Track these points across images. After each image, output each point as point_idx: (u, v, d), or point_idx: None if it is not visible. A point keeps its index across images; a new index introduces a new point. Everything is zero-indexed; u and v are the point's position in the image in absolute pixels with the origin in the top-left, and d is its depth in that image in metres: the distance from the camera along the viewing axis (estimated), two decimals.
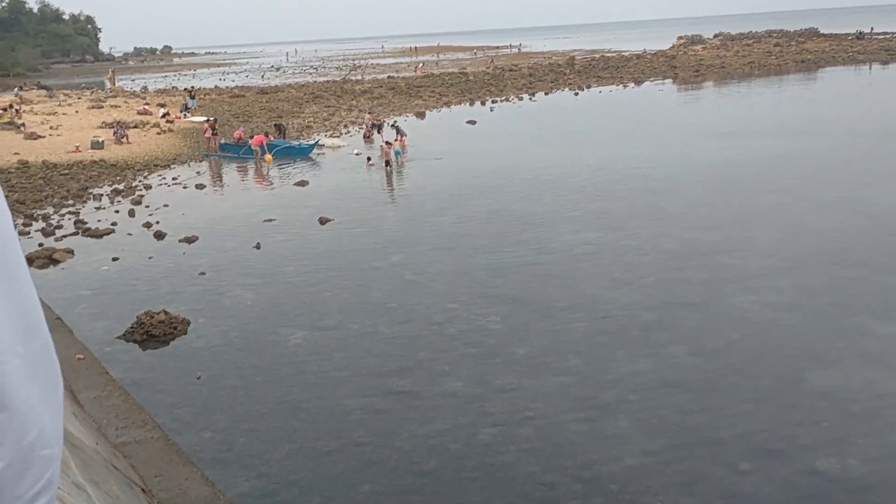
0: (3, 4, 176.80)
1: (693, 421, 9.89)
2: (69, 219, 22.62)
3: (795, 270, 15.26)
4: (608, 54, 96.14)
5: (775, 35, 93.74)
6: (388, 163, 28.31)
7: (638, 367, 11.49)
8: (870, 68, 64.08)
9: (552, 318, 13.51)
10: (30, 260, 18.26)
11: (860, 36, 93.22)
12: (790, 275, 15.04)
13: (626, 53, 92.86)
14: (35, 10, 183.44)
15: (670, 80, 62.57)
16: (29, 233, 21.16)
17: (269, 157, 32.54)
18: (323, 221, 21.12)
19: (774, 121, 36.02)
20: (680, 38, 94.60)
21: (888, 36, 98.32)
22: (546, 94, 56.63)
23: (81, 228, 21.33)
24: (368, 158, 30.39)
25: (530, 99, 53.62)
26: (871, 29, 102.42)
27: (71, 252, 18.94)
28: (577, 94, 55.73)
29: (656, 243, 17.48)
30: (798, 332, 12.40)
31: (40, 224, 22.10)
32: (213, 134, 35.63)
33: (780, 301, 13.73)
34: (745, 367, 11.31)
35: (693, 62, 74.65)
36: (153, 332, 13.31)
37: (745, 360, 11.53)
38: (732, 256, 16.32)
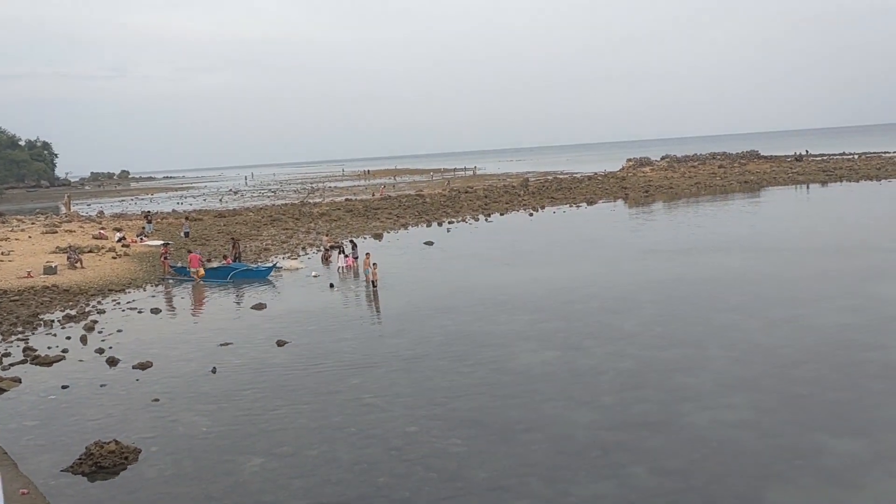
0: None
1: None
2: (17, 346, 22.11)
3: (750, 388, 15.44)
4: (561, 176, 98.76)
5: (719, 157, 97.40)
6: (373, 283, 28.38)
7: (599, 489, 11.41)
8: (807, 189, 66.69)
9: (512, 439, 13.41)
10: None
11: (799, 158, 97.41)
12: (745, 392, 15.20)
13: (578, 175, 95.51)
14: None
15: (621, 201, 64.38)
16: None
17: (201, 271, 33.47)
18: (280, 344, 20.95)
19: (722, 239, 37.08)
20: (629, 160, 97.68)
21: (824, 158, 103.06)
22: (501, 214, 57.81)
23: (30, 356, 20.83)
24: (331, 285, 30.29)
25: (486, 220, 54.62)
26: (807, 151, 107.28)
27: (18, 381, 18.45)
28: (531, 214, 56.97)
29: (613, 363, 17.61)
30: (755, 451, 12.45)
31: None
32: (165, 258, 35.56)
33: (737, 419, 13.83)
34: (705, 487, 11.29)
35: (642, 183, 77.01)
36: (102, 464, 12.91)
37: (706, 480, 11.52)
38: (688, 375, 16.49)
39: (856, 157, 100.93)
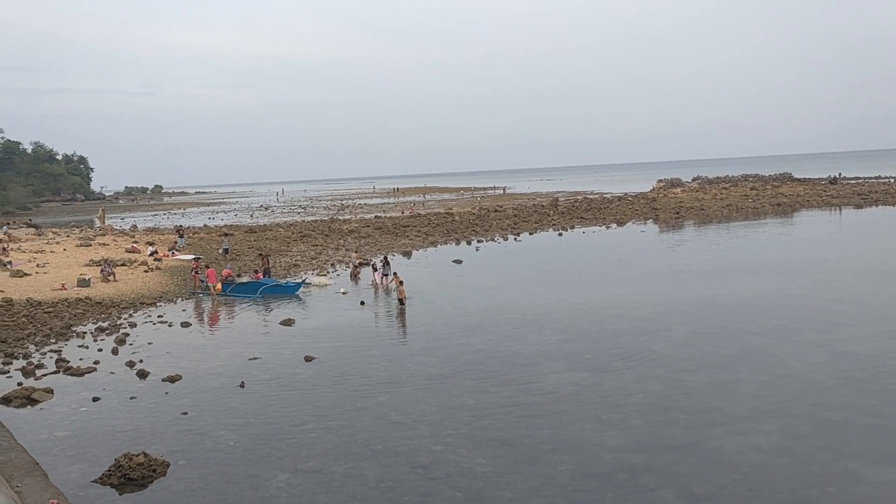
0: None
1: None
2: (51, 357, 22.40)
3: (782, 413, 15.21)
4: (590, 196, 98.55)
5: (751, 179, 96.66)
6: (401, 300, 28.47)
7: None
8: (840, 212, 65.88)
9: (539, 460, 13.32)
10: (7, 399, 18.02)
11: (833, 181, 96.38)
12: (777, 417, 14.98)
13: (608, 195, 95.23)
14: (29, 151, 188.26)
15: (651, 222, 64.01)
16: (8, 372, 20.92)
17: (218, 286, 34.00)
18: (308, 360, 21.03)
19: (754, 261, 36.70)
20: (660, 181, 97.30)
21: (860, 181, 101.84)
22: (531, 234, 57.70)
23: (63, 367, 21.09)
24: (362, 302, 30.35)
25: (515, 239, 54.53)
26: (840, 174, 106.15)
27: (50, 392, 18.67)
28: (560, 234, 56.81)
29: (642, 384, 17.45)
30: (788, 477, 12.25)
31: (21, 363, 21.84)
32: (195, 272, 35.88)
33: (769, 444, 13.62)
34: None
35: (673, 204, 76.56)
36: (131, 476, 12.99)
37: None
38: (718, 398, 16.29)
39: (892, 180, 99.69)
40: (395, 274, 30.65)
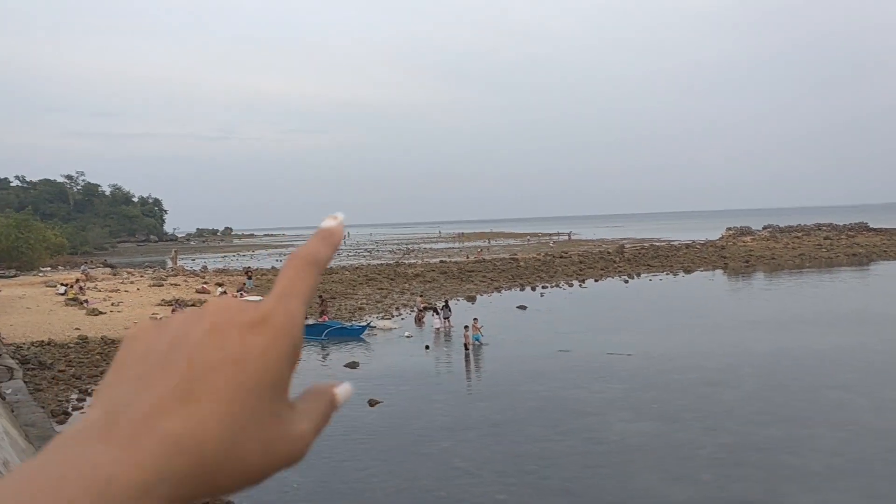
0: (79, 188, 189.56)
1: None
2: None
3: (862, 473, 14.61)
4: (657, 243, 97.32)
5: (825, 228, 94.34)
6: (466, 346, 28.51)
7: None
8: None
9: None
10: None
11: None
12: (856, 477, 14.40)
13: (676, 243, 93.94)
14: (107, 193, 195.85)
15: (720, 270, 62.84)
16: (82, 408, 21.45)
17: None
18: (372, 404, 21.07)
19: (829, 313, 35.64)
20: (729, 229, 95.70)
21: None
22: (596, 280, 57.15)
23: None
24: (427, 347, 30.41)
25: (580, 285, 54.07)
26: None
27: None
28: (627, 281, 56.14)
29: (712, 437, 16.99)
30: None
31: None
32: None
33: None
34: None
35: (743, 253, 75.10)
36: None
37: None
38: (793, 454, 15.75)
39: None
40: (474, 319, 30.46)
